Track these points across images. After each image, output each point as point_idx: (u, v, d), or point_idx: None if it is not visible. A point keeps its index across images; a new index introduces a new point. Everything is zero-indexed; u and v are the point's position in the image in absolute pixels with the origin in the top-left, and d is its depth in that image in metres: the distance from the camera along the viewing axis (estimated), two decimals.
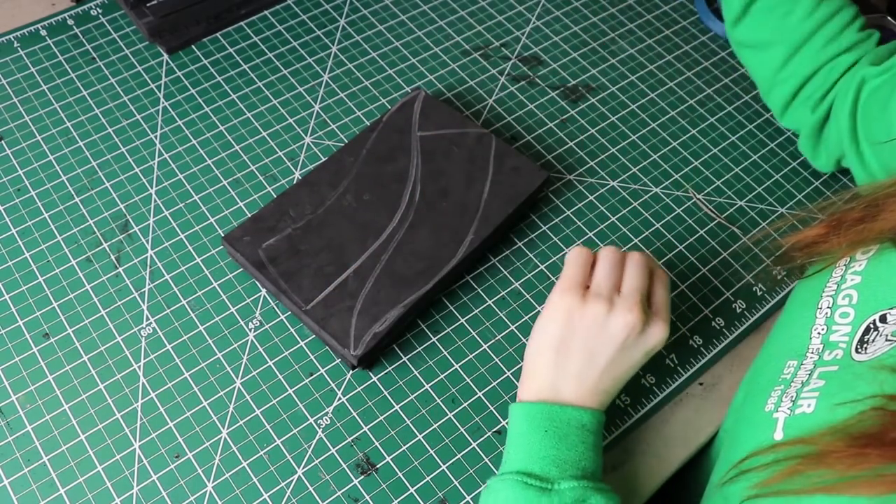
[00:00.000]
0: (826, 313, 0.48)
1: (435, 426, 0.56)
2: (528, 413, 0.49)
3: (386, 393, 0.58)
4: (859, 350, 0.44)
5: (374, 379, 0.58)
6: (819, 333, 0.48)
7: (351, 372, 0.58)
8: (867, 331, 0.45)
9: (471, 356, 0.60)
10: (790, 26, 0.63)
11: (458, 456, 0.55)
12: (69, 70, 0.72)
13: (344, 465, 0.54)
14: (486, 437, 0.56)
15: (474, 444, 0.56)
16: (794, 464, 0.39)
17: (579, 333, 0.49)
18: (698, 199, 0.69)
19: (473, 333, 0.61)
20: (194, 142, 0.69)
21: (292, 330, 0.60)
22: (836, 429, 0.39)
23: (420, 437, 0.56)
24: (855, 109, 0.60)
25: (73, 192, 0.65)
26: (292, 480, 0.54)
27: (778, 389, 0.47)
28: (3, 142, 0.68)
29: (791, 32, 0.63)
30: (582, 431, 0.48)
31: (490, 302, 0.62)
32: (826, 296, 0.49)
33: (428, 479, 0.54)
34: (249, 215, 0.62)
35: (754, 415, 0.48)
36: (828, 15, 0.62)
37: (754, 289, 0.65)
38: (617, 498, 0.48)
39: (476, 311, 0.62)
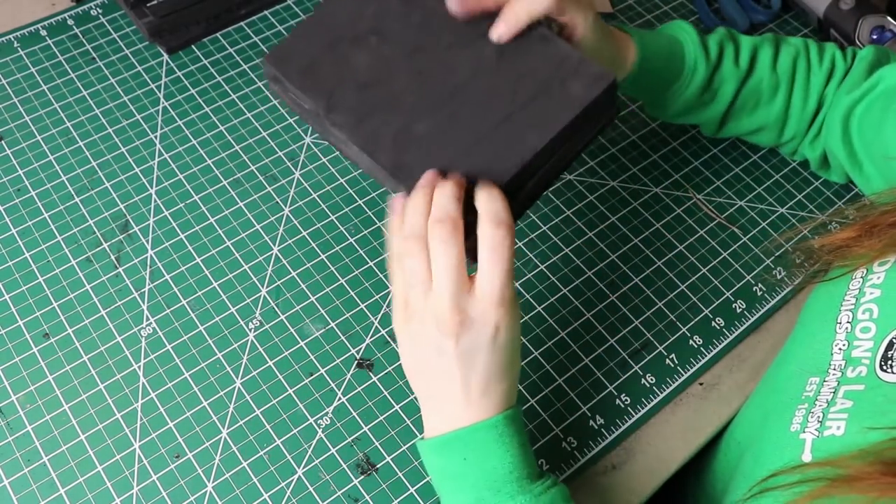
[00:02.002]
0: (846, 328, 0.48)
1: None
2: (440, 446, 0.47)
3: (386, 393, 0.58)
4: (884, 367, 0.44)
5: (374, 379, 0.58)
6: (840, 349, 0.47)
7: (351, 372, 0.58)
8: (890, 346, 0.44)
9: None
10: (765, 112, 0.63)
11: None
12: (69, 70, 0.72)
13: (344, 465, 0.54)
14: None
15: None
16: (821, 486, 0.39)
17: (422, 360, 0.46)
18: (698, 199, 0.69)
19: None
20: (194, 142, 0.69)
21: (292, 330, 0.60)
22: (867, 453, 0.38)
23: (420, 437, 0.56)
24: (847, 138, 0.60)
25: (73, 192, 0.65)
26: (292, 480, 0.54)
27: (802, 408, 0.46)
28: (3, 142, 0.68)
29: (769, 115, 0.63)
30: (500, 441, 0.46)
31: None
32: (845, 310, 0.49)
33: (428, 479, 0.54)
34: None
35: (779, 434, 0.47)
36: (789, 77, 0.62)
37: (754, 289, 0.65)
38: (560, 489, 0.47)
39: None
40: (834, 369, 0.47)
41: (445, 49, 0.51)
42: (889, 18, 0.75)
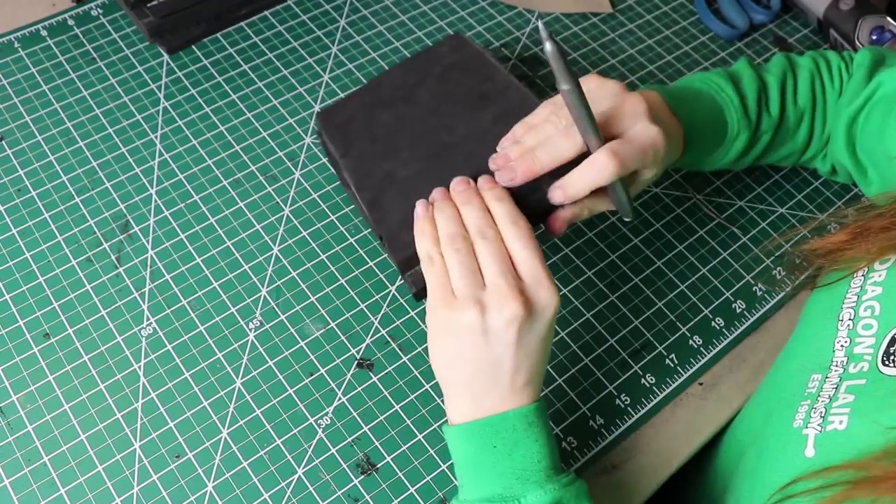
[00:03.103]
0: (848, 325, 0.48)
1: (435, 426, 0.56)
2: (468, 433, 0.47)
3: (386, 393, 0.58)
4: (886, 362, 0.44)
5: (375, 379, 0.58)
6: (843, 346, 0.48)
7: (351, 372, 0.58)
8: (892, 342, 0.44)
9: None
10: (791, 143, 0.63)
11: None
12: (69, 70, 0.73)
13: (344, 465, 0.55)
14: None
15: None
16: (844, 489, 0.38)
17: (467, 349, 0.47)
18: (698, 199, 0.69)
19: None
20: (194, 142, 0.69)
21: (292, 330, 0.60)
22: (890, 453, 0.38)
23: (420, 437, 0.56)
24: (852, 147, 0.60)
25: (73, 192, 0.65)
26: (292, 480, 0.54)
27: (805, 404, 0.46)
28: (3, 142, 0.68)
29: (795, 145, 0.63)
30: (529, 431, 0.47)
31: None
32: (847, 307, 0.49)
33: (428, 479, 0.54)
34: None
35: (782, 431, 0.47)
36: (811, 106, 0.61)
37: (754, 289, 0.65)
38: (582, 483, 0.48)
39: None
40: (836, 365, 0.47)
41: (453, 115, 0.59)
42: (889, 19, 0.75)
